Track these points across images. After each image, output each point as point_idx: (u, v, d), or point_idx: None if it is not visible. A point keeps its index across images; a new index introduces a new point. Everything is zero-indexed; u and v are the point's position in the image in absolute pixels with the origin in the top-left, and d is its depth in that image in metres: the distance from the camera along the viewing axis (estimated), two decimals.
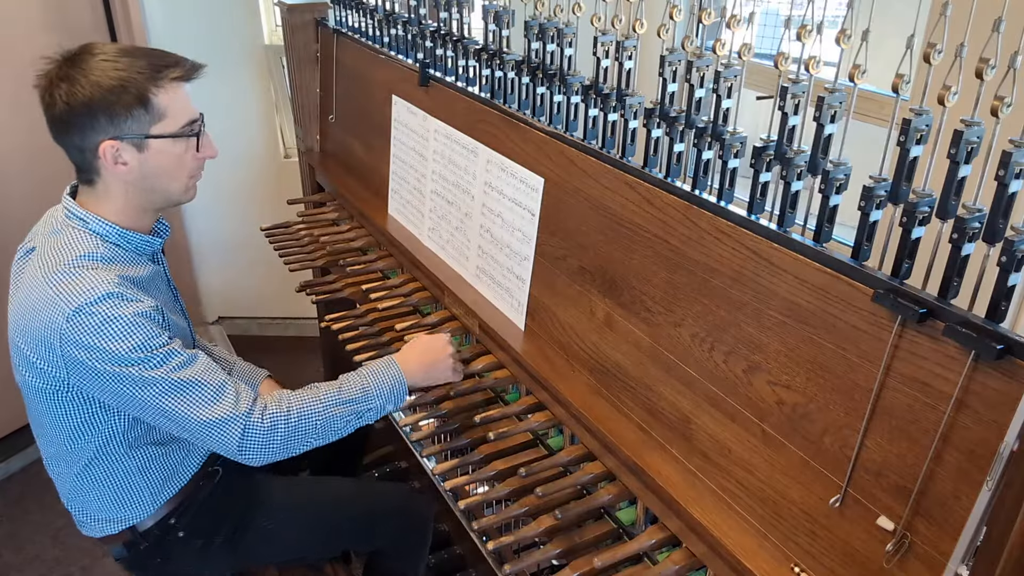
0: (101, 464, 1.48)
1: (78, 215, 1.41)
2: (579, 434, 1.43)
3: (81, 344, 1.29)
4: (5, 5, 2.52)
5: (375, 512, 1.78)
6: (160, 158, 1.39)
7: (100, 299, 1.29)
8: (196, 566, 1.64)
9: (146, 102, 1.34)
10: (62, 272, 1.32)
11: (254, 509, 1.65)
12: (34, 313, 1.32)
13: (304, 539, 1.69)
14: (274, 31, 3.20)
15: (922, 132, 0.99)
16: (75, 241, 1.38)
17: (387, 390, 1.49)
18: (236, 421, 1.36)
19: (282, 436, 1.39)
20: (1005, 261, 0.90)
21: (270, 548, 1.69)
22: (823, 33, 1.08)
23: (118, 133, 1.34)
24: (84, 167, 1.40)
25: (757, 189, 1.20)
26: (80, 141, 1.35)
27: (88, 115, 1.32)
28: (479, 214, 1.76)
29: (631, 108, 1.41)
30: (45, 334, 1.31)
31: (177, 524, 1.58)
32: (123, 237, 1.43)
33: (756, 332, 1.15)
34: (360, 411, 1.46)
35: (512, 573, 1.30)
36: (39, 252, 1.40)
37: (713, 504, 1.20)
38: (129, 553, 1.58)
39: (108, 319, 1.29)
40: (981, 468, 0.89)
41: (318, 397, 1.44)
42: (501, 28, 1.71)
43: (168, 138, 1.38)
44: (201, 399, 1.35)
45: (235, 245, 3.37)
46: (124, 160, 1.36)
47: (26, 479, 2.83)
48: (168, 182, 1.43)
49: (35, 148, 2.68)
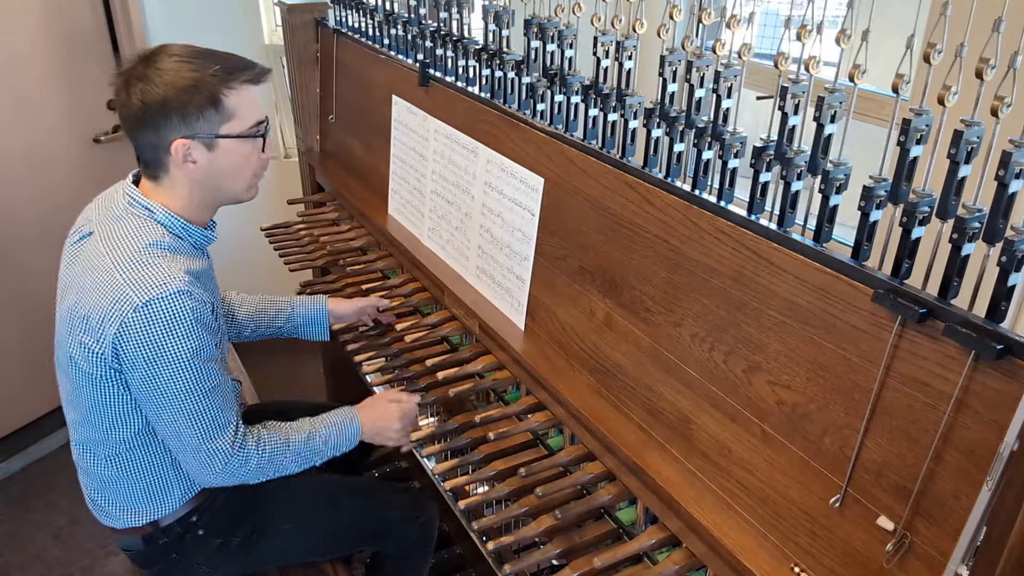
0: (135, 454, 1.51)
1: (143, 203, 1.44)
2: (579, 434, 1.43)
3: (139, 333, 1.33)
4: (5, 5, 2.52)
5: (387, 513, 1.81)
6: (228, 157, 1.43)
7: (171, 295, 1.33)
8: (208, 566, 1.65)
9: (217, 103, 1.38)
10: (131, 261, 1.36)
11: (274, 510, 1.68)
12: (98, 298, 1.35)
13: (318, 540, 1.72)
14: (274, 31, 3.20)
15: (922, 132, 0.99)
16: (141, 229, 1.41)
17: (341, 446, 1.60)
18: (221, 455, 1.45)
19: (249, 470, 1.49)
20: (1005, 261, 0.90)
21: (284, 550, 1.70)
22: (823, 33, 1.08)
23: (190, 132, 1.38)
24: (153, 163, 1.44)
25: (757, 189, 1.20)
26: (154, 138, 1.39)
27: (162, 114, 1.36)
28: (479, 214, 1.76)
29: (631, 108, 1.41)
30: (106, 319, 1.34)
31: (199, 522, 1.60)
32: (185, 229, 1.47)
33: (756, 332, 1.15)
34: (314, 460, 1.58)
35: (512, 573, 1.30)
36: (99, 236, 1.42)
37: (713, 504, 1.20)
38: (146, 547, 1.60)
39: (173, 317, 1.33)
40: (981, 468, 0.89)
41: (288, 443, 1.53)
42: (501, 28, 1.71)
43: (237, 138, 1.42)
44: (206, 429, 1.42)
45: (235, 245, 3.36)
46: (194, 158, 1.41)
47: (27, 479, 2.83)
48: (233, 181, 1.48)
49: (36, 147, 2.69)
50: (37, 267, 2.66)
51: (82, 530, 2.61)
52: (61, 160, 2.75)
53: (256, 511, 1.66)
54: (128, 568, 1.92)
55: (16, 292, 2.74)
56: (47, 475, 2.84)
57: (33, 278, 2.73)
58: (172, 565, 1.63)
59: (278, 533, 1.68)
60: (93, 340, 1.36)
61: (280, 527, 1.68)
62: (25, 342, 2.78)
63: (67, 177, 2.77)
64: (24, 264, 2.72)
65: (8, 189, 2.65)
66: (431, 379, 1.66)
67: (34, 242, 2.68)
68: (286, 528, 1.68)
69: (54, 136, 2.72)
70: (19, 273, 2.73)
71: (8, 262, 2.71)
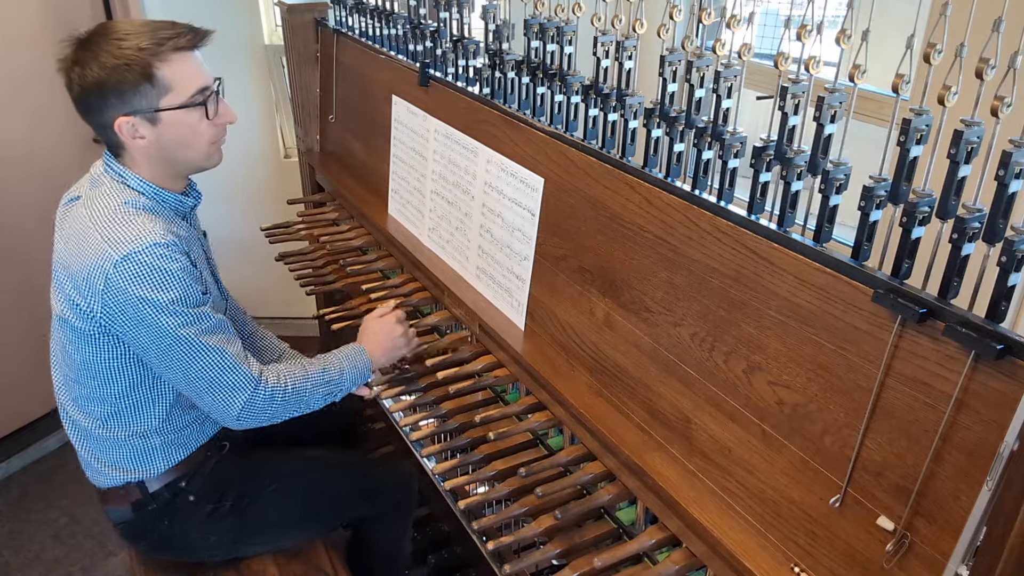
0: (124, 413, 1.53)
1: (116, 169, 1.47)
2: (579, 434, 1.43)
3: (124, 290, 1.35)
4: (5, 5, 2.52)
5: (370, 472, 1.86)
6: (175, 129, 1.44)
7: (148, 247, 1.35)
8: (200, 532, 1.65)
9: (151, 77, 1.38)
10: (108, 219, 1.39)
11: (261, 472, 1.70)
12: (81, 257, 1.38)
13: (307, 505, 1.74)
14: (274, 31, 3.20)
15: (922, 132, 0.99)
16: (116, 191, 1.44)
17: (357, 374, 1.62)
18: (244, 390, 1.45)
19: (276, 407, 1.50)
20: (1005, 261, 0.90)
21: (274, 514, 1.71)
22: (823, 33, 1.08)
23: (129, 109, 1.39)
24: (109, 142, 1.47)
25: (757, 189, 1.20)
26: (99, 119, 1.42)
27: (99, 95, 1.38)
28: (479, 214, 1.76)
29: (631, 108, 1.41)
30: (91, 277, 1.36)
31: (188, 488, 1.62)
32: (158, 195, 1.48)
33: (756, 332, 1.15)
34: (335, 391, 1.59)
35: (512, 573, 1.30)
36: (83, 200, 1.46)
37: (713, 504, 1.20)
38: (135, 515, 1.61)
39: (154, 268, 1.35)
40: (981, 468, 0.89)
41: (307, 375, 1.55)
42: (502, 42, 1.71)
43: (178, 109, 1.42)
44: (219, 364, 1.43)
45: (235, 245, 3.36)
46: (141, 134, 1.42)
47: (26, 479, 2.83)
48: (187, 151, 1.48)
49: (35, 147, 2.69)
50: (37, 268, 2.65)
51: (82, 530, 2.61)
52: (61, 160, 2.74)
53: (244, 474, 1.69)
54: (128, 568, 1.92)
55: (16, 292, 2.74)
56: (47, 475, 2.84)
57: (33, 279, 2.72)
58: (164, 535, 1.64)
59: (267, 495, 1.69)
60: (81, 298, 1.40)
61: (269, 488, 1.69)
62: (25, 342, 2.78)
63: (67, 177, 2.75)
64: (24, 265, 2.71)
65: (7, 189, 2.64)
66: (431, 379, 1.66)
67: (34, 243, 2.67)
68: (274, 488, 1.69)
69: (54, 136, 2.71)
70: (19, 274, 2.73)
71: (8, 262, 2.71)
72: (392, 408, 1.90)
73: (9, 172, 2.64)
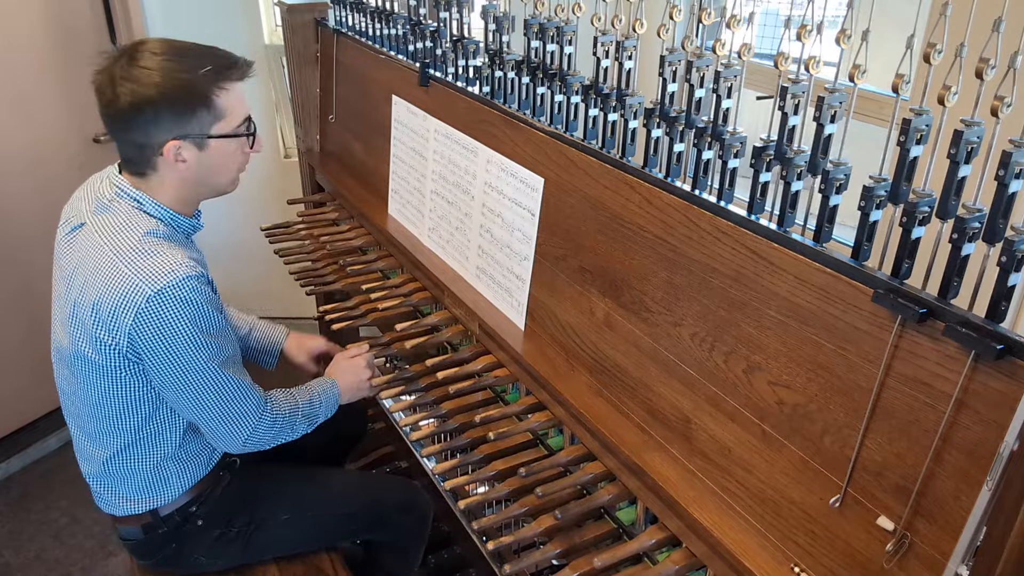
0: (139, 445, 1.52)
1: (131, 195, 1.45)
2: (579, 434, 1.43)
3: (157, 324, 1.35)
4: (5, 5, 2.52)
5: (383, 501, 1.83)
6: (217, 156, 1.45)
7: (181, 281, 1.36)
8: (206, 557, 1.65)
9: (210, 104, 1.39)
10: (134, 251, 1.37)
11: (272, 500, 1.69)
12: (105, 290, 1.36)
13: (315, 530, 1.74)
14: (274, 31, 3.20)
15: (922, 132, 0.99)
16: (133, 218, 1.43)
17: (328, 408, 1.68)
18: (253, 415, 1.51)
19: (273, 432, 1.56)
20: (1005, 261, 0.90)
21: (281, 540, 1.71)
22: (823, 33, 1.08)
23: (182, 133, 1.39)
24: (139, 161, 1.43)
25: (757, 189, 1.20)
26: (142, 139, 1.39)
27: (153, 115, 1.36)
28: (479, 214, 1.76)
29: (631, 108, 1.41)
30: (118, 311, 1.35)
31: (198, 512, 1.62)
32: (175, 220, 1.48)
33: (756, 332, 1.15)
34: (312, 421, 1.65)
35: (512, 573, 1.30)
36: (91, 227, 1.43)
37: (713, 504, 1.20)
38: (145, 536, 1.61)
39: (186, 302, 1.36)
40: (981, 468, 0.89)
41: (296, 406, 1.61)
42: (501, 34, 1.71)
43: (227, 137, 1.44)
44: (232, 396, 1.47)
45: (235, 245, 3.37)
46: (184, 158, 1.42)
47: (26, 479, 2.83)
48: (218, 177, 1.50)
49: (35, 145, 2.69)
50: (37, 268, 2.65)
51: (82, 530, 2.61)
52: (61, 160, 2.75)
53: (255, 501, 1.68)
54: (128, 568, 1.92)
55: (16, 293, 2.74)
56: (47, 475, 2.84)
57: (33, 279, 2.72)
58: (170, 556, 1.64)
59: (276, 523, 1.69)
60: (106, 332, 1.37)
61: (279, 517, 1.69)
62: (25, 342, 2.78)
63: (67, 177, 2.75)
64: (24, 265, 2.72)
65: (7, 189, 2.64)
66: (431, 379, 1.66)
67: (34, 243, 2.68)
68: (284, 518, 1.69)
69: (54, 136, 2.71)
70: (19, 273, 2.73)
71: (8, 263, 2.71)
72: (392, 408, 1.90)
73: (9, 174, 2.64)
